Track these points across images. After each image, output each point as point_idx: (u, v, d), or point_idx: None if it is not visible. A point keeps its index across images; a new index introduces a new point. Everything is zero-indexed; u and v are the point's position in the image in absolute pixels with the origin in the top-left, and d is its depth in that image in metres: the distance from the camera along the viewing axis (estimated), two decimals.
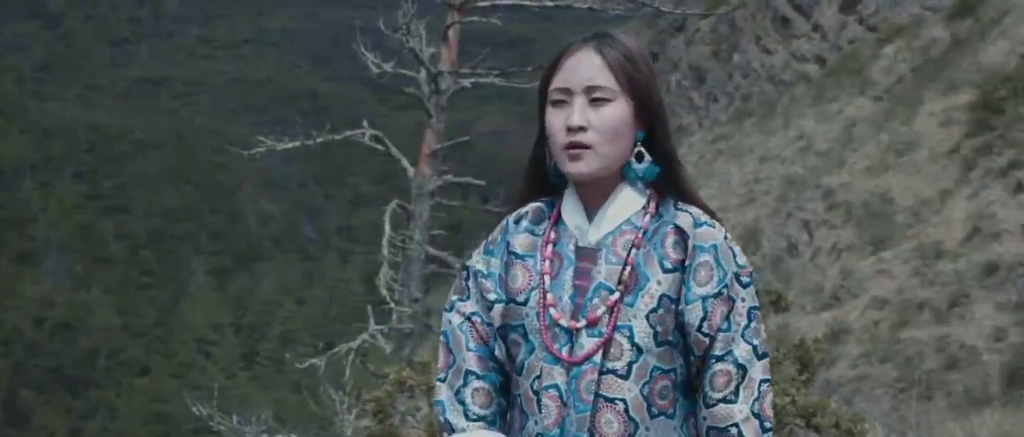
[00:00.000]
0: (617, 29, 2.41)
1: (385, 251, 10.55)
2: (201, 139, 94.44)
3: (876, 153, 20.48)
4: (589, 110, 2.26)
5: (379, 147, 11.38)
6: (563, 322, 2.25)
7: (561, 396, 2.25)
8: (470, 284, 2.45)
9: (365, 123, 11.76)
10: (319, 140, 11.69)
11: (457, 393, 2.39)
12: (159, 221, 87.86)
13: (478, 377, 2.38)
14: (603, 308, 2.23)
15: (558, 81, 2.31)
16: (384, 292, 10.37)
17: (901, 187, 18.41)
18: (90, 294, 76.99)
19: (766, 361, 2.27)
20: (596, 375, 2.22)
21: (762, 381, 2.25)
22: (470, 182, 12.18)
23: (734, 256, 2.29)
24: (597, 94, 2.26)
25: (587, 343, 2.23)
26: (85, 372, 70.69)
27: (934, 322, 13.75)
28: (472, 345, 2.40)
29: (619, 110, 2.26)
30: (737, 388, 2.24)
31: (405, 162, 11.02)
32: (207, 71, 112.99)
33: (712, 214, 2.33)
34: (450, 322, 2.45)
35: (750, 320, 2.27)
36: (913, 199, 17.82)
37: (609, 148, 2.26)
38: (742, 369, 2.24)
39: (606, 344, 2.22)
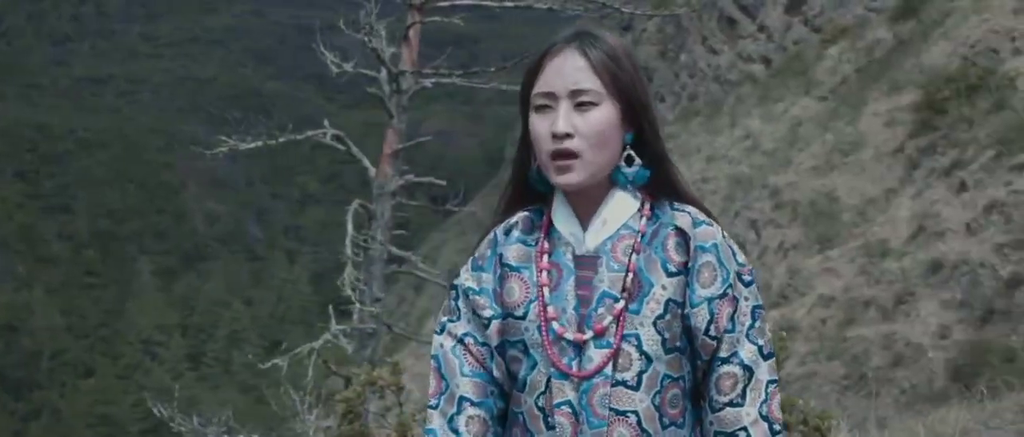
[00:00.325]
0: (599, 28, 2.28)
1: (349, 251, 10.52)
2: (145, 138, 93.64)
3: (822, 153, 20.71)
4: (575, 115, 2.14)
5: (340, 147, 11.32)
6: (569, 335, 2.14)
7: (574, 412, 2.14)
8: (460, 304, 2.30)
9: (326, 122, 11.69)
10: (281, 140, 11.59)
11: (450, 421, 2.26)
12: (103, 221, 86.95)
13: (473, 404, 2.25)
14: (610, 318, 2.13)
15: (541, 85, 2.19)
16: (349, 291, 10.36)
17: (847, 186, 18.64)
18: (32, 295, 76.06)
19: (772, 361, 2.20)
20: (609, 388, 2.12)
21: (769, 382, 2.18)
22: (432, 182, 12.12)
23: (734, 254, 2.21)
24: (582, 98, 2.15)
25: (596, 355, 2.13)
26: (28, 374, 69.84)
27: (880, 320, 13.94)
28: (467, 370, 2.26)
29: (606, 114, 2.15)
30: (744, 390, 2.16)
31: (366, 162, 10.98)
32: (151, 69, 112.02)
33: (708, 213, 2.25)
34: (442, 345, 2.30)
35: (754, 320, 2.19)
36: (859, 198, 18.05)
37: (597, 155, 2.15)
38: (748, 370, 2.16)
39: (614, 355, 2.12)
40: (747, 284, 2.20)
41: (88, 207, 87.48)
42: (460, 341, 2.27)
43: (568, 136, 2.13)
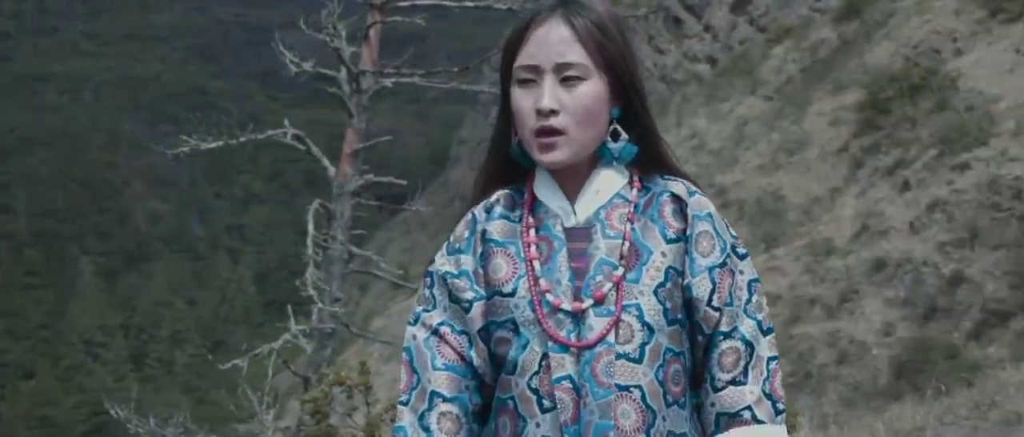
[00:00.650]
0: None
1: (310, 250, 10.50)
2: (88, 137, 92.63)
3: (767, 152, 20.87)
4: (560, 90, 2.02)
5: (299, 146, 11.29)
6: (565, 306, 2.01)
7: (576, 387, 2.00)
8: (435, 291, 2.15)
9: (287, 122, 11.63)
10: (243, 139, 11.51)
11: (421, 418, 2.10)
12: (44, 220, 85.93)
13: (445, 399, 2.10)
14: (609, 284, 2.01)
15: (524, 57, 2.06)
16: (312, 291, 10.32)
17: (792, 185, 18.79)
18: None
19: (772, 337, 2.10)
20: (613, 357, 1.98)
21: (770, 359, 2.08)
22: (392, 181, 12.12)
23: (726, 227, 2.13)
24: (569, 72, 2.02)
25: (597, 324, 2.00)
26: None
27: (825, 318, 14.05)
28: (439, 363, 2.11)
29: (593, 89, 2.03)
30: (746, 368, 2.05)
31: (326, 161, 10.96)
32: (93, 67, 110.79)
33: (696, 183, 2.17)
34: (414, 337, 2.15)
35: (751, 293, 2.09)
36: (804, 197, 18.19)
37: (583, 132, 2.04)
38: (750, 346, 2.05)
39: (615, 324, 2.00)
40: (742, 256, 2.12)
41: (29, 206, 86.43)
42: (434, 332, 2.13)
43: (553, 113, 2.02)
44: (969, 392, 6.76)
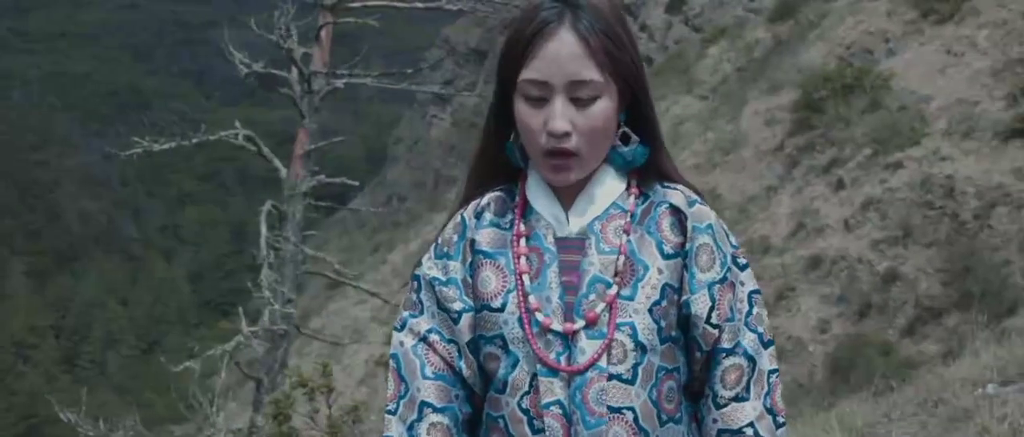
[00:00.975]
0: None
1: (264, 252, 10.46)
2: (18, 135, 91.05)
3: (703, 151, 21.02)
4: (572, 110, 1.89)
5: (251, 147, 11.25)
6: (556, 326, 1.91)
7: (566, 413, 1.91)
8: (423, 296, 2.05)
9: (238, 124, 11.56)
10: (195, 141, 11.45)
11: (410, 429, 2.02)
12: None
13: (435, 410, 2.01)
14: (602, 304, 1.90)
15: (533, 71, 1.91)
16: (267, 293, 10.27)
17: (728, 184, 18.94)
18: None
19: (772, 349, 2.03)
20: (604, 382, 1.89)
21: (771, 372, 2.01)
22: (344, 182, 12.16)
23: (727, 236, 2.02)
24: (582, 92, 1.89)
25: (589, 347, 1.90)
26: None
27: None
28: (429, 372, 2.02)
29: (606, 106, 1.91)
30: (748, 383, 1.98)
31: (277, 162, 10.94)
32: (22, 65, 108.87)
33: (698, 192, 2.05)
34: (401, 344, 2.06)
35: (751, 306, 2.00)
36: (740, 196, 18.36)
37: (595, 149, 1.93)
38: (752, 361, 1.98)
39: (608, 346, 1.90)
40: (742, 268, 2.02)
41: None
42: (423, 339, 2.03)
43: (566, 135, 1.89)
44: (914, 389, 6.87)
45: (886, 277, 12.95)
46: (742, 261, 2.03)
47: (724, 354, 1.97)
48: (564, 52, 1.88)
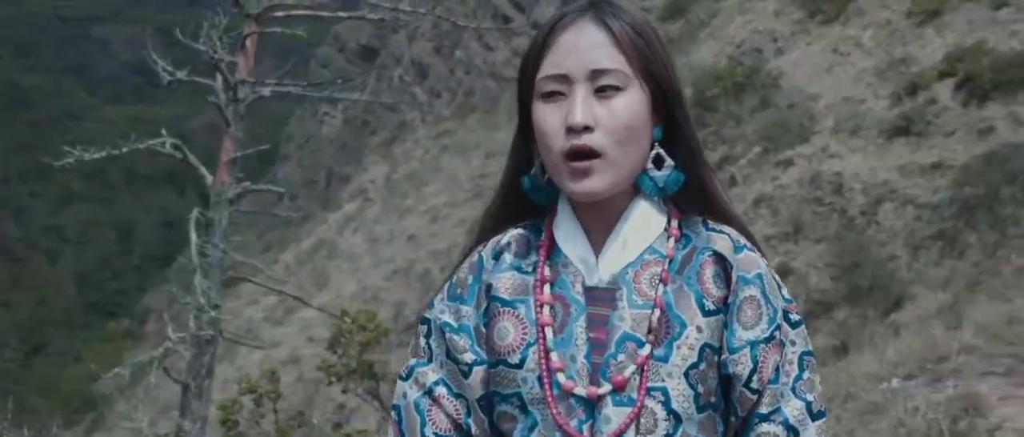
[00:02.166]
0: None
1: (195, 259, 10.44)
2: None
3: None
4: (594, 103, 1.65)
5: (177, 154, 11.26)
6: (580, 390, 1.66)
7: None
8: (433, 342, 1.81)
9: (164, 132, 11.53)
10: (125, 150, 11.36)
11: None
12: None
13: None
14: (632, 367, 1.65)
15: (550, 66, 1.68)
16: (202, 300, 10.27)
17: None
18: None
19: (822, 422, 1.74)
20: None
21: None
22: (270, 189, 12.30)
23: (780, 289, 1.74)
24: (605, 81, 1.65)
25: (615, 415, 1.65)
26: None
27: None
28: (429, 431, 1.78)
29: (634, 101, 1.66)
30: None
31: (203, 170, 10.96)
32: None
33: (749, 234, 1.78)
34: (404, 395, 1.81)
35: (802, 369, 1.72)
36: None
37: (623, 154, 1.66)
38: (793, 432, 1.70)
39: (637, 415, 1.65)
40: (794, 325, 1.73)
41: None
42: (428, 392, 1.79)
43: (587, 129, 1.64)
44: (825, 384, 7.07)
45: (778, 272, 13.12)
46: (794, 317, 1.74)
47: (759, 420, 1.71)
48: (583, 40, 1.67)
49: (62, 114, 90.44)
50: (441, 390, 1.77)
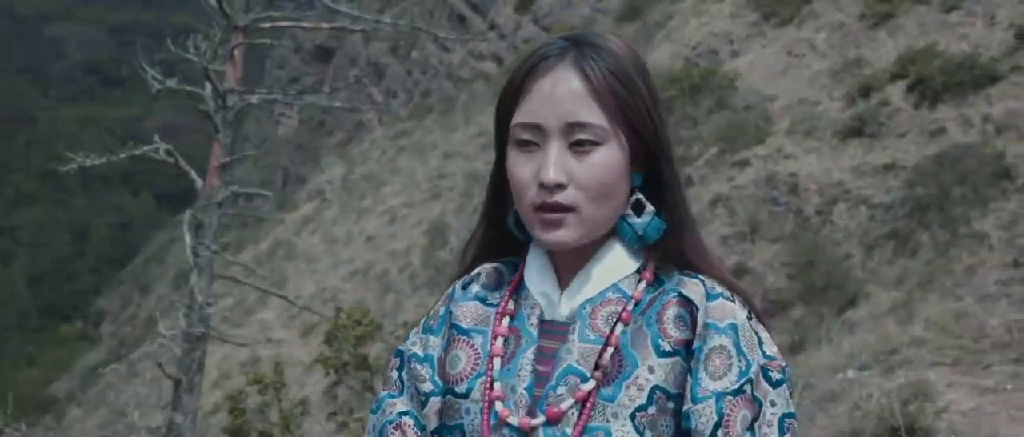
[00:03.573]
0: (598, 33, 1.73)
1: (191, 260, 10.96)
2: None
3: None
4: (569, 158, 1.59)
5: (169, 159, 11.74)
6: (513, 420, 1.59)
7: None
8: (404, 375, 1.77)
9: (157, 138, 12.05)
10: (123, 156, 11.96)
11: None
12: None
13: None
14: (571, 401, 1.58)
15: (525, 113, 1.62)
16: (200, 298, 10.77)
17: None
18: None
19: None
20: None
21: None
22: (258, 193, 13.16)
23: (760, 344, 1.62)
24: (580, 135, 1.58)
25: None
26: None
27: None
28: None
29: (610, 157, 1.59)
30: None
31: (194, 174, 11.54)
32: None
33: (733, 286, 1.67)
34: (373, 428, 1.75)
35: (782, 433, 1.58)
36: None
37: (597, 209, 1.61)
38: None
39: None
40: (776, 384, 1.60)
41: None
42: (392, 422, 1.73)
43: (560, 187, 1.59)
44: None
45: (735, 271, 13.36)
46: (776, 376, 1.61)
47: None
48: (561, 90, 1.60)
49: (15, 114, 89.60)
50: (407, 420, 1.72)
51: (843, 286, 11.36)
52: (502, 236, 1.77)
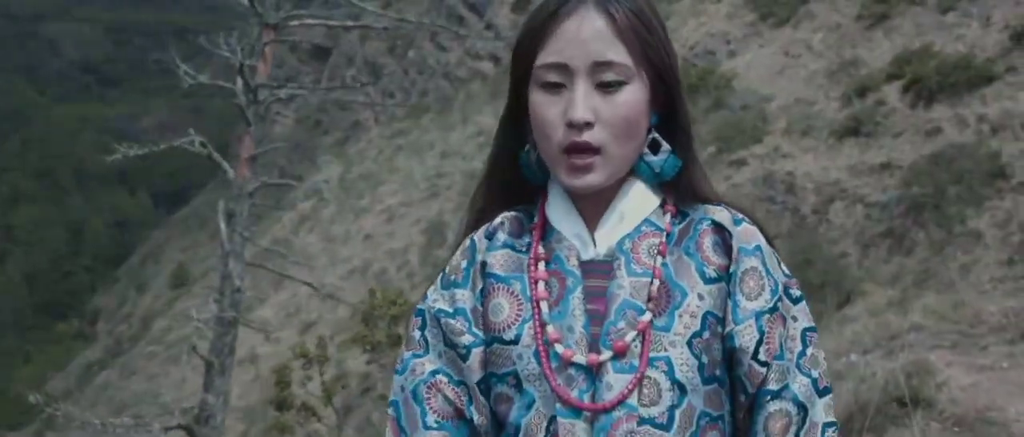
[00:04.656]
0: None
1: (227, 246, 11.48)
2: None
3: None
4: (596, 97, 1.60)
5: (203, 151, 12.25)
6: (579, 358, 1.60)
7: None
8: (428, 333, 1.74)
9: (191, 131, 12.57)
10: (163, 147, 12.66)
11: None
12: None
13: None
14: (633, 333, 1.60)
15: (550, 53, 1.62)
16: (238, 282, 11.41)
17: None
18: None
19: (829, 398, 1.70)
20: (634, 424, 1.59)
21: (826, 425, 1.68)
22: (288, 184, 13.53)
23: (779, 263, 1.70)
24: (607, 75, 1.60)
25: (617, 381, 1.59)
26: None
27: None
28: (431, 420, 1.71)
29: (635, 95, 1.62)
30: (797, 435, 1.66)
31: (226, 166, 12.13)
32: None
33: (743, 210, 1.73)
34: (402, 389, 1.74)
35: (805, 345, 1.68)
36: None
37: (621, 148, 1.63)
38: (802, 409, 1.66)
39: (639, 382, 1.60)
40: (796, 300, 1.69)
41: None
42: (426, 381, 1.72)
43: (588, 126, 1.60)
44: None
45: None
46: (795, 293, 1.69)
47: (769, 398, 1.65)
48: (586, 30, 1.61)
49: (12, 113, 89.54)
50: (441, 378, 1.71)
51: (839, 284, 11.45)
52: (510, 184, 1.77)
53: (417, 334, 1.74)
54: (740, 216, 1.68)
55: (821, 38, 17.61)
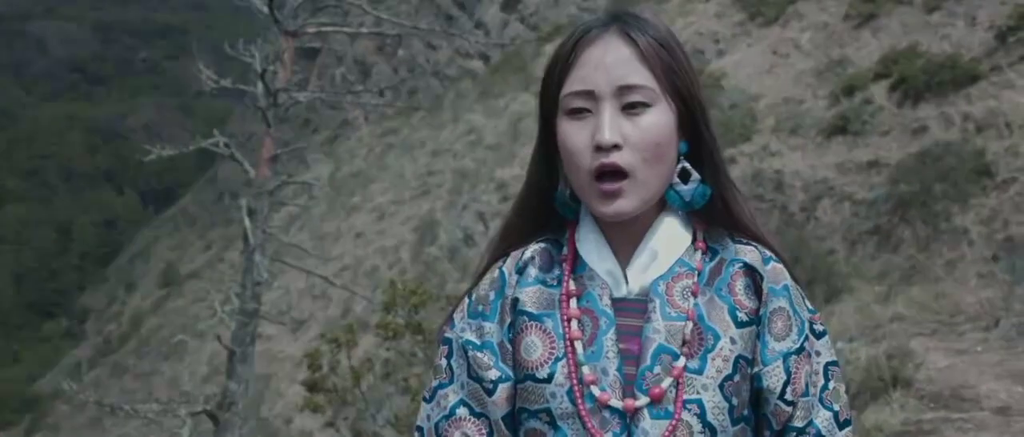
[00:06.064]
0: (639, 7, 1.77)
1: (252, 241, 12.07)
2: None
3: None
4: (623, 120, 1.62)
5: (225, 151, 12.79)
6: (615, 403, 1.63)
7: None
8: (454, 363, 1.77)
9: (216, 132, 13.14)
10: (192, 148, 13.23)
11: None
12: None
13: None
14: (669, 379, 1.63)
15: (576, 81, 1.65)
16: (264, 275, 12.18)
17: None
18: None
19: (849, 430, 1.76)
20: None
21: None
22: (307, 182, 14.13)
23: (804, 299, 1.75)
24: (632, 97, 1.62)
25: (652, 428, 1.62)
26: None
27: None
28: None
29: (661, 118, 1.63)
30: None
31: (247, 164, 12.66)
32: None
33: (772, 248, 1.76)
34: (428, 418, 1.77)
35: (828, 380, 1.74)
36: None
37: (651, 172, 1.64)
38: None
39: (675, 428, 1.63)
40: (819, 335, 1.75)
41: None
42: (451, 413, 1.75)
43: (616, 148, 1.61)
44: None
45: None
46: (819, 328, 1.76)
47: (794, 434, 1.71)
48: (610, 56, 1.65)
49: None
50: (462, 411, 1.73)
51: (827, 281, 11.56)
52: (538, 220, 1.79)
53: (444, 362, 1.77)
54: (769, 255, 1.72)
55: (809, 37, 17.75)
